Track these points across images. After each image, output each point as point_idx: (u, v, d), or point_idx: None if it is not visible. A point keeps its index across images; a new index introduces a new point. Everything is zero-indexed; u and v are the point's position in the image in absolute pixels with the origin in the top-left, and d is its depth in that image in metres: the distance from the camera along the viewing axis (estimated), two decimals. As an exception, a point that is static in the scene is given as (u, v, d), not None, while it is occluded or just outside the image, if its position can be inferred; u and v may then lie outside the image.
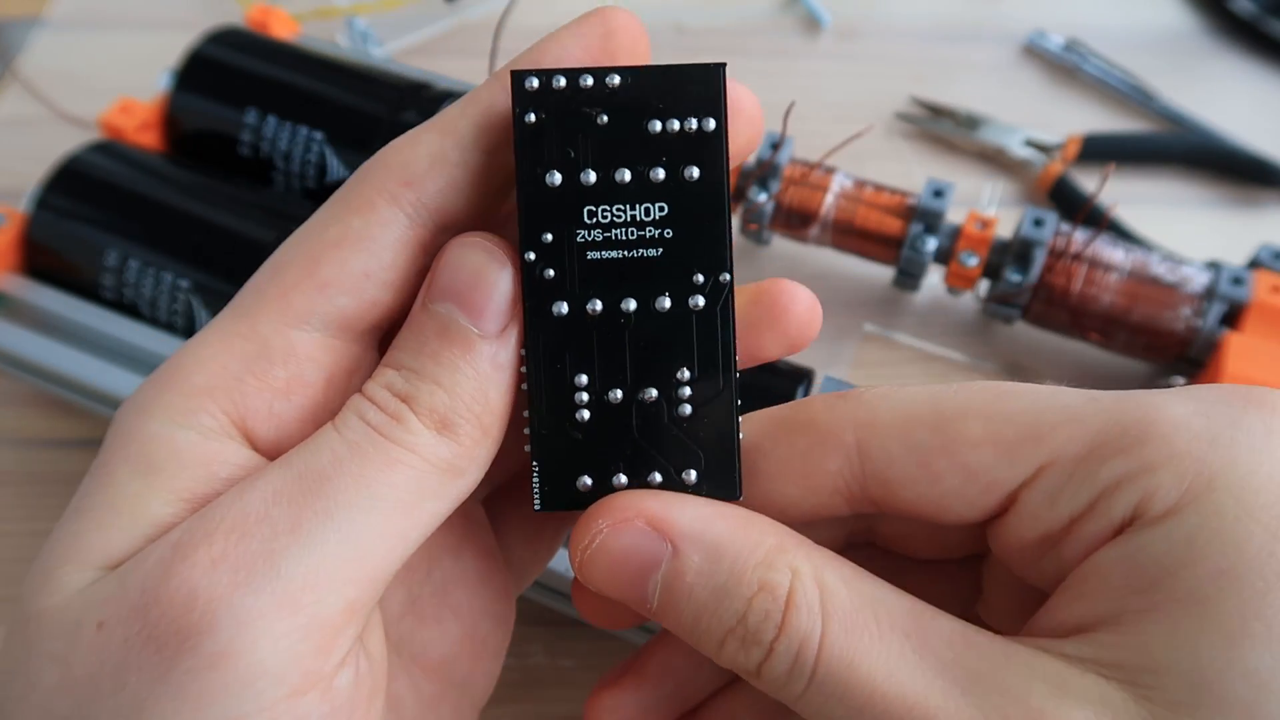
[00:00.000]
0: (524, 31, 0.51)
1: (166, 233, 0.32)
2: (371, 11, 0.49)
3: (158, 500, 0.16)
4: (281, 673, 0.14)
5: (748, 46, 0.51)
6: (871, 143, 0.45)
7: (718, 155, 0.17)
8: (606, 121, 0.17)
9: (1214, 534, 0.15)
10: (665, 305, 0.17)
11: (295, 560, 0.15)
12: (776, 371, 0.29)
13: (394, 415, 0.16)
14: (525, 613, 0.32)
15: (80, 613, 0.15)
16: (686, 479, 0.18)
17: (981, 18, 0.52)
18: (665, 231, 0.17)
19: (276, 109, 0.35)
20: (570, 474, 0.17)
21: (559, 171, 0.17)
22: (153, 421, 0.16)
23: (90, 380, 0.30)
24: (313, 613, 0.15)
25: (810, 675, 0.16)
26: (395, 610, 0.19)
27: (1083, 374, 0.38)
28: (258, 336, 0.17)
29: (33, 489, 0.34)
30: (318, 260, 0.17)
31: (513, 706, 0.30)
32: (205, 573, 0.14)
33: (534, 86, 0.16)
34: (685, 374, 0.17)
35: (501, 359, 0.16)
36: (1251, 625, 0.14)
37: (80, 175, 0.33)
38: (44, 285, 0.33)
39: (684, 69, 0.17)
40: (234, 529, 0.15)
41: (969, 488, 0.17)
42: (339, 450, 0.16)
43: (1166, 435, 0.16)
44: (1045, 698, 0.15)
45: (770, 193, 0.37)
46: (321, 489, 0.15)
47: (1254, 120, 0.47)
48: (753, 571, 0.16)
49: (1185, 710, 0.14)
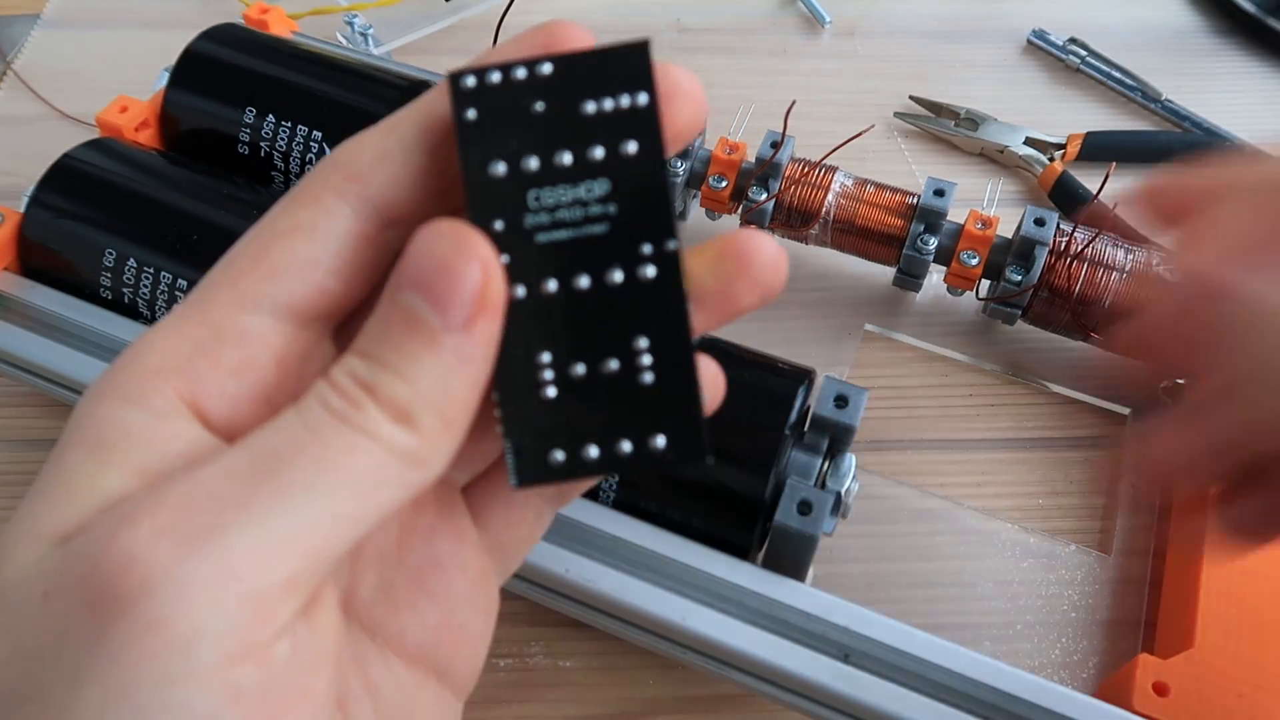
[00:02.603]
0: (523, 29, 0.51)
1: (164, 231, 0.32)
2: (370, 10, 0.49)
3: (109, 476, 0.16)
4: (218, 639, 0.14)
5: (748, 45, 0.51)
6: (872, 142, 0.45)
7: (653, 128, 0.17)
8: (543, 109, 0.17)
9: None
10: (618, 279, 0.18)
11: (239, 533, 0.15)
12: (777, 372, 0.29)
13: (354, 402, 0.16)
14: (525, 613, 0.32)
15: (30, 585, 0.15)
16: (655, 444, 0.18)
17: (982, 16, 0.52)
18: (609, 207, 0.17)
19: (275, 107, 0.35)
20: (543, 449, 0.18)
21: (502, 160, 0.17)
22: (106, 403, 0.16)
23: (88, 380, 0.30)
24: (252, 583, 0.15)
25: None
26: (367, 595, 0.19)
27: (1083, 374, 0.38)
28: (209, 321, 0.17)
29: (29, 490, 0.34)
30: (266, 249, 0.17)
31: (513, 706, 0.30)
32: (147, 541, 0.14)
33: (470, 85, 0.17)
34: (644, 343, 0.18)
35: (467, 351, 0.16)
36: None
37: (77, 174, 0.33)
38: (41, 284, 0.33)
39: (612, 49, 0.17)
40: (182, 502, 0.15)
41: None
42: (298, 432, 0.16)
43: None
44: None
45: (770, 192, 0.37)
46: (276, 468, 0.15)
47: (1256, 118, 0.47)
48: None
49: None
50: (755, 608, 0.26)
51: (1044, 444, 0.36)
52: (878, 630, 0.26)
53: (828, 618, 0.26)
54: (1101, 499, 0.35)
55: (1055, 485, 0.35)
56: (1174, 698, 0.27)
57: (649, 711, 0.30)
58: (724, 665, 0.27)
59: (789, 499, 0.26)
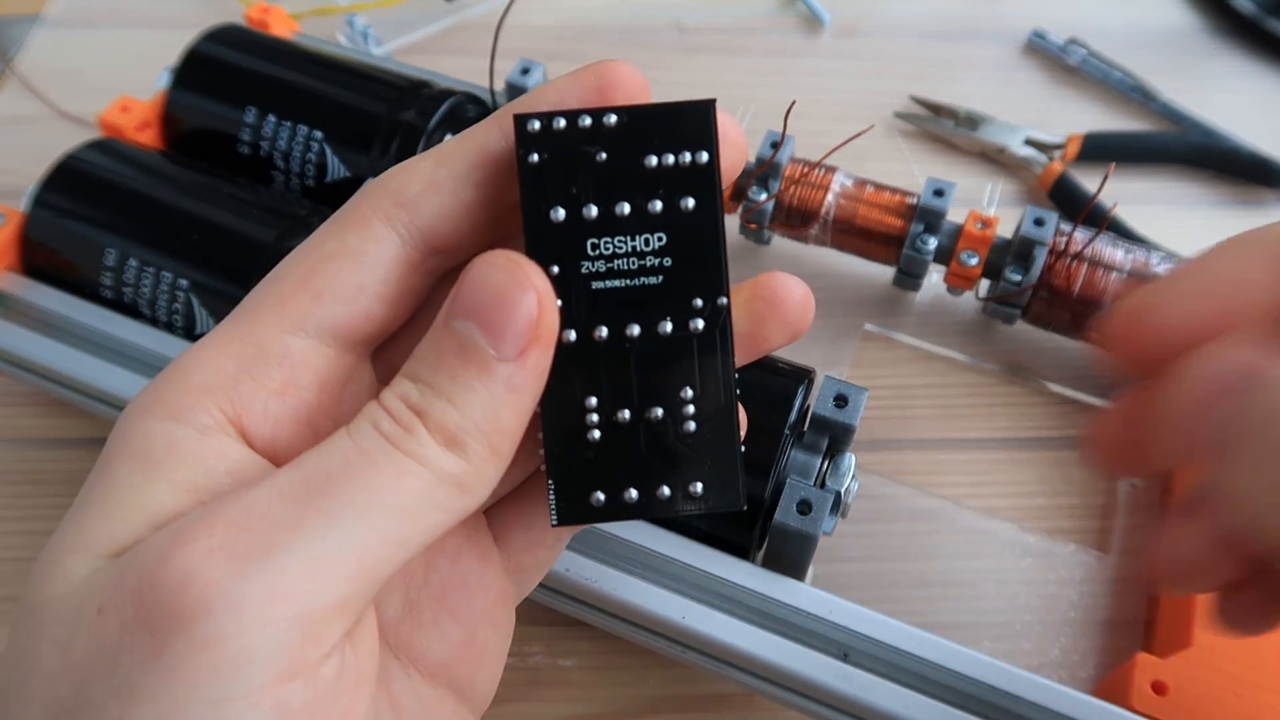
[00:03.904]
0: (524, 30, 0.51)
1: (166, 232, 0.32)
2: (371, 10, 0.49)
3: (158, 491, 0.16)
4: (269, 659, 0.15)
5: (748, 45, 0.51)
6: (872, 142, 0.45)
7: (711, 186, 0.18)
8: (605, 159, 0.18)
9: None
10: (667, 329, 0.18)
11: (292, 554, 0.15)
12: (778, 372, 0.29)
13: (406, 427, 0.16)
14: (525, 613, 0.32)
15: (82, 599, 0.15)
16: (693, 491, 0.18)
17: (982, 17, 0.52)
18: (664, 260, 0.18)
19: (276, 108, 0.35)
20: (585, 490, 0.18)
21: (562, 207, 0.18)
22: (151, 419, 0.17)
23: (90, 380, 0.30)
24: (304, 604, 0.15)
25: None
26: (394, 614, 0.19)
27: (1083, 374, 0.38)
28: (255, 340, 0.17)
29: (32, 489, 0.34)
30: (314, 271, 0.17)
31: (513, 706, 0.30)
32: (202, 560, 0.15)
33: (535, 129, 0.17)
34: (688, 393, 0.18)
35: (517, 382, 0.17)
36: None
37: (79, 174, 0.33)
38: (43, 284, 0.33)
39: (677, 107, 0.17)
40: (235, 521, 0.15)
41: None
42: (350, 455, 0.16)
43: None
44: None
45: (770, 192, 0.37)
46: (328, 490, 0.15)
47: (1255, 119, 0.47)
48: None
49: None
50: (755, 607, 0.27)
51: (1043, 444, 0.36)
52: (877, 629, 0.26)
53: (827, 617, 0.26)
54: (1100, 498, 0.35)
55: (1054, 485, 0.35)
56: (1172, 697, 0.27)
57: (649, 711, 0.30)
58: (724, 664, 0.27)
59: (789, 498, 0.26)
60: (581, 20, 0.51)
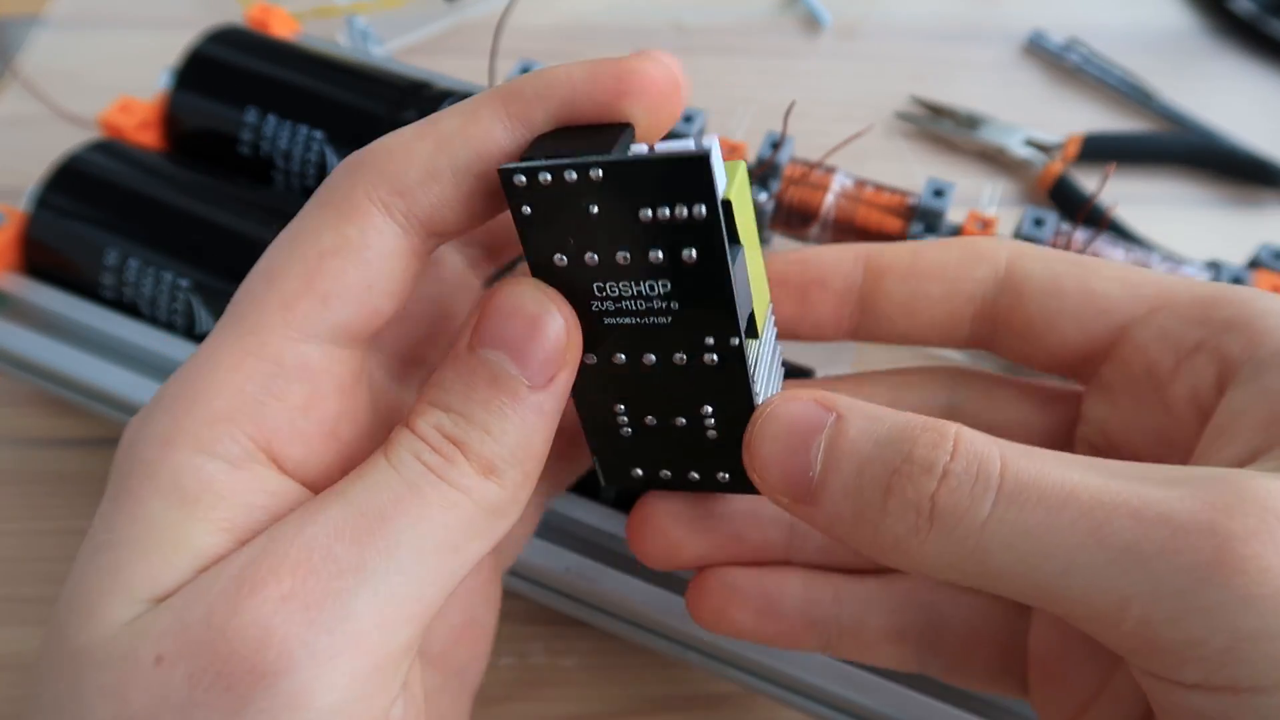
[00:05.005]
0: (524, 30, 0.51)
1: (166, 232, 0.32)
2: (371, 10, 0.49)
3: (199, 531, 0.15)
4: (350, 710, 0.15)
5: (748, 46, 0.51)
6: (872, 142, 0.45)
7: (714, 237, 0.16)
8: (597, 211, 0.16)
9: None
10: (682, 360, 0.18)
11: (363, 600, 0.15)
12: (777, 371, 0.29)
13: (448, 458, 0.16)
14: (525, 612, 0.32)
15: (132, 645, 0.14)
16: (721, 478, 0.20)
17: (981, 17, 0.52)
18: (672, 304, 0.17)
19: (276, 108, 0.35)
20: (625, 464, 0.20)
21: (562, 254, 0.17)
22: (178, 451, 0.16)
23: (90, 380, 0.30)
24: (379, 653, 0.15)
25: (998, 487, 0.15)
26: None
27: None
28: (270, 354, 0.16)
29: (33, 489, 0.34)
30: (316, 270, 0.17)
31: (513, 706, 0.30)
32: (276, 609, 0.14)
33: (522, 183, 0.16)
34: (709, 409, 0.19)
35: (547, 408, 0.17)
36: None
37: (80, 174, 0.33)
38: (44, 284, 0.33)
39: (665, 160, 0.16)
40: (299, 565, 0.15)
41: (1088, 310, 0.20)
42: (398, 489, 0.16)
43: (1267, 305, 0.18)
44: (1262, 477, 0.15)
45: (770, 192, 0.37)
46: (383, 527, 0.15)
47: (1254, 120, 0.47)
48: (917, 423, 0.16)
49: None
50: (755, 607, 0.27)
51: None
52: (877, 629, 0.26)
53: (827, 617, 0.26)
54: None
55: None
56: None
57: (649, 710, 0.30)
58: (724, 664, 0.27)
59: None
60: (581, 20, 0.51)
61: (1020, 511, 0.15)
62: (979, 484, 0.15)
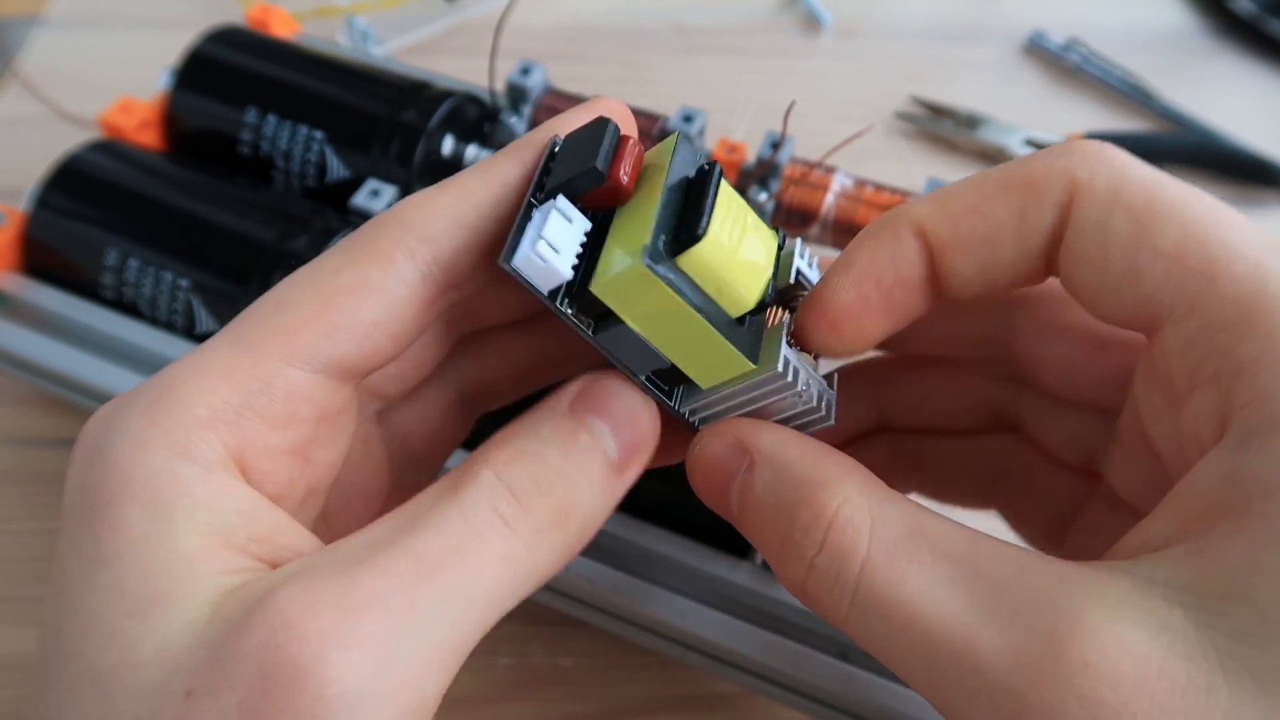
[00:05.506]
0: (524, 30, 0.51)
1: (166, 232, 0.32)
2: (371, 10, 0.49)
3: (183, 535, 0.15)
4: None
5: (748, 46, 0.51)
6: (871, 142, 0.45)
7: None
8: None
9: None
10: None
11: (410, 640, 0.15)
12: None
13: (528, 508, 0.17)
14: (525, 613, 0.32)
15: (164, 676, 0.14)
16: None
17: (981, 17, 0.52)
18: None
19: (276, 108, 0.35)
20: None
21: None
22: (155, 453, 0.16)
23: (90, 380, 0.30)
24: (420, 697, 0.15)
25: (853, 594, 0.16)
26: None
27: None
28: (260, 373, 0.17)
29: (33, 489, 0.34)
30: (329, 304, 0.17)
31: (512, 705, 0.30)
32: (317, 650, 0.14)
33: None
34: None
35: (617, 491, 0.18)
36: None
37: (80, 174, 0.33)
38: (44, 284, 0.33)
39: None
40: (340, 603, 0.15)
41: (1127, 296, 0.17)
42: (463, 537, 0.16)
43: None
44: (1099, 618, 0.15)
45: (770, 192, 0.37)
46: (438, 573, 0.15)
47: (1254, 120, 0.47)
48: (807, 490, 0.17)
49: (1251, 643, 0.14)
50: (755, 607, 0.27)
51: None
52: (877, 629, 0.26)
53: (827, 617, 0.26)
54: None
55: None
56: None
57: (648, 710, 0.30)
58: (724, 665, 0.27)
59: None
60: (581, 20, 0.51)
61: (868, 624, 0.16)
62: (837, 585, 0.17)
